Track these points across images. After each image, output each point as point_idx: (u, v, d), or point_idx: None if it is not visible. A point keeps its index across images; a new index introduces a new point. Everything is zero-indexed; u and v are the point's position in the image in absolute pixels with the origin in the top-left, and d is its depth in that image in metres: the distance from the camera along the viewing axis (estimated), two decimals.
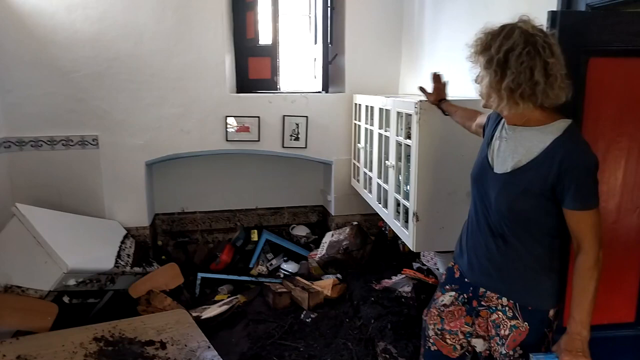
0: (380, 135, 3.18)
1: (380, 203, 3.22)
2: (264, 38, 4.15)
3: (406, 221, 2.72)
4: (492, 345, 1.64)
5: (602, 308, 1.84)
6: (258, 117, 3.96)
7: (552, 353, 1.50)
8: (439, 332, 1.77)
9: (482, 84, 1.49)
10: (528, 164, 1.48)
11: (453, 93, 3.05)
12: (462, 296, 1.72)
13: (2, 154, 3.51)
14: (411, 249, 2.61)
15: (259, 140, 4.01)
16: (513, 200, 1.50)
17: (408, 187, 2.67)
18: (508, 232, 1.55)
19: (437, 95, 2.28)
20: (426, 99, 2.36)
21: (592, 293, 1.44)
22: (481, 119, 1.89)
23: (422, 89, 2.37)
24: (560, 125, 1.45)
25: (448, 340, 1.75)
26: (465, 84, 2.87)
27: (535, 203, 1.48)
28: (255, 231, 4.38)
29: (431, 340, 1.81)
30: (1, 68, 3.47)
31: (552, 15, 1.68)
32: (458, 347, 1.74)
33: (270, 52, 4.19)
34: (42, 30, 3.49)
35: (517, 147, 1.51)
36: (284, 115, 4.01)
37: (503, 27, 1.44)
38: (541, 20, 1.69)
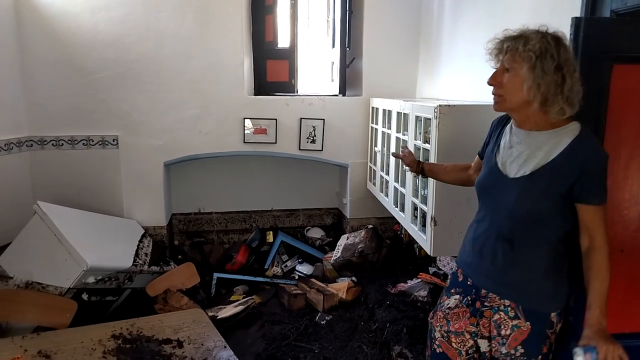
0: (397, 139, 3.18)
1: (397, 207, 3.22)
2: (283, 41, 4.18)
3: (423, 225, 2.72)
4: (494, 345, 1.66)
5: (623, 316, 1.83)
6: (275, 119, 3.98)
7: (589, 346, 1.46)
8: (445, 335, 1.79)
9: (533, 85, 1.46)
10: (548, 164, 1.51)
11: (471, 98, 3.06)
12: (466, 298, 1.75)
13: (24, 152, 3.58)
14: (429, 253, 2.61)
15: (275, 143, 4.03)
16: (534, 202, 1.53)
17: (426, 191, 2.67)
18: (518, 236, 1.58)
19: (412, 161, 2.20)
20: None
21: (609, 284, 1.49)
22: (476, 159, 1.92)
23: (396, 155, 2.36)
24: (574, 127, 1.51)
25: (454, 344, 1.76)
26: (485, 88, 2.88)
27: (554, 204, 1.52)
28: (271, 232, 4.41)
29: (437, 343, 1.83)
30: (25, 68, 3.54)
31: (576, 22, 1.68)
32: (463, 352, 1.75)
33: (289, 55, 4.23)
34: (66, 31, 3.56)
35: (535, 150, 1.54)
36: (301, 118, 4.03)
37: (544, 34, 1.47)
38: (566, 26, 1.70)
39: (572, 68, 1.45)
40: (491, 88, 1.61)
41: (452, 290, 1.82)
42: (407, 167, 2.26)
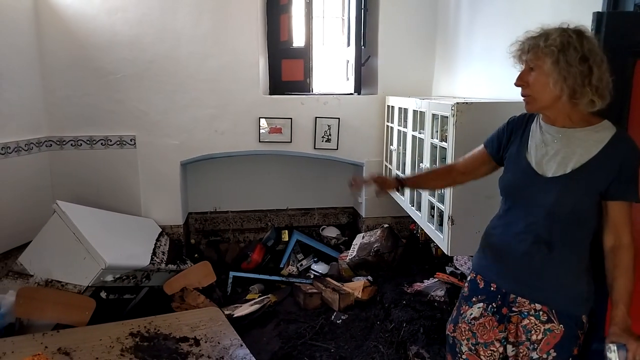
0: (414, 137, 3.15)
1: (413, 206, 3.20)
2: (298, 40, 4.18)
3: (440, 224, 2.69)
4: (521, 350, 1.62)
5: None
6: (290, 118, 3.99)
7: (618, 343, 1.44)
8: (472, 348, 1.74)
9: (560, 80, 1.44)
10: (589, 162, 1.49)
11: (489, 95, 3.02)
12: (490, 306, 1.69)
13: (43, 152, 3.64)
14: (446, 253, 2.58)
15: (291, 142, 4.04)
16: (576, 202, 1.50)
17: (443, 190, 2.64)
18: (558, 237, 1.54)
19: (390, 184, 1.95)
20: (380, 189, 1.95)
21: (634, 283, 1.48)
22: (473, 162, 1.85)
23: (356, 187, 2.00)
24: (609, 125, 1.50)
25: (482, 356, 1.72)
26: (503, 86, 2.85)
27: (593, 201, 1.51)
28: (286, 231, 4.41)
29: (464, 357, 1.77)
30: (44, 69, 3.60)
31: (598, 17, 1.65)
32: None
33: (304, 54, 4.22)
34: (84, 33, 3.61)
35: (573, 148, 1.51)
36: (316, 117, 4.02)
37: (563, 29, 1.46)
38: (587, 21, 1.67)
39: (598, 58, 1.42)
40: (514, 88, 1.59)
41: (474, 299, 1.75)
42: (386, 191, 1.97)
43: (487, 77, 3.12)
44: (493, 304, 1.68)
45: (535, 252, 1.57)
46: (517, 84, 1.56)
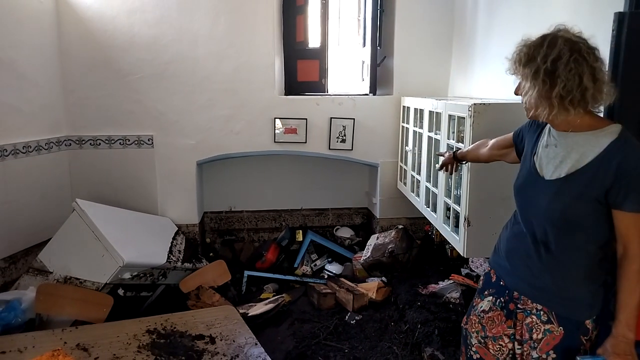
0: (429, 138, 3.14)
1: (428, 207, 3.19)
2: (313, 41, 4.19)
3: (456, 226, 2.68)
4: (525, 348, 1.63)
5: None
6: (305, 119, 4.00)
7: (599, 356, 1.48)
8: (482, 340, 1.76)
9: (528, 95, 1.48)
10: (584, 168, 1.46)
11: (507, 96, 2.99)
12: (499, 300, 1.72)
13: (63, 151, 3.70)
14: (461, 254, 2.57)
15: (305, 142, 4.05)
16: (568, 206, 1.48)
17: (459, 191, 2.63)
18: (553, 240, 1.54)
19: (449, 160, 2.40)
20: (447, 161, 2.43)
21: (639, 296, 1.44)
22: (503, 141, 1.93)
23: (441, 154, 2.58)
24: (614, 129, 1.44)
25: (491, 350, 1.73)
26: None
27: (589, 208, 1.47)
28: (300, 231, 4.42)
29: (474, 349, 1.79)
30: (65, 70, 3.66)
31: (620, 17, 1.63)
32: (501, 359, 1.72)
33: (319, 55, 4.23)
34: (103, 34, 3.66)
35: (570, 152, 1.50)
36: (331, 118, 4.03)
37: (544, 37, 1.45)
38: (607, 21, 1.65)
39: (569, 67, 1.37)
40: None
41: (486, 292, 1.80)
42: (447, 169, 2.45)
43: (505, 77, 3.09)
44: (501, 298, 1.72)
45: (533, 252, 1.60)
46: (515, 93, 1.61)
